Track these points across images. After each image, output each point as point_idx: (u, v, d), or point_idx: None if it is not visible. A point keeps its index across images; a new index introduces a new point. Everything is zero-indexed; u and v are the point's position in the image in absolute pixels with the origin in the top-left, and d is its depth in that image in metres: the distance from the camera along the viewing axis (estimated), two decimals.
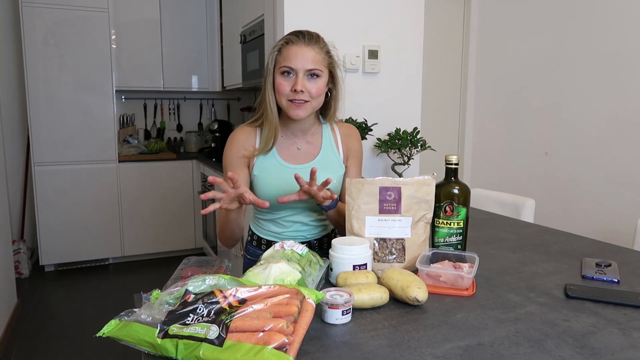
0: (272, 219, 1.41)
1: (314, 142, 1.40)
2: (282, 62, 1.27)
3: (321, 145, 1.40)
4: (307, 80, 1.26)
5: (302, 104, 1.27)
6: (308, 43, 1.27)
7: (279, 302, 0.82)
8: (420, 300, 0.98)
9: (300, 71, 1.25)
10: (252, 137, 1.37)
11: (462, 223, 1.25)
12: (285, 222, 1.40)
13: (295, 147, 1.38)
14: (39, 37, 3.51)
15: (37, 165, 3.61)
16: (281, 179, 1.33)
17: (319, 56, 1.28)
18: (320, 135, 1.42)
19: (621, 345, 0.85)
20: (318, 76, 1.28)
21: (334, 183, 1.36)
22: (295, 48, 1.26)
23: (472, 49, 3.83)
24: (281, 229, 1.42)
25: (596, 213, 2.93)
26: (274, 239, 1.42)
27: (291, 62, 1.25)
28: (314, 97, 1.28)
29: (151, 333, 0.79)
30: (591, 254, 1.38)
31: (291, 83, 1.26)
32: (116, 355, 2.54)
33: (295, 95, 1.26)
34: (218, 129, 3.98)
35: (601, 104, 2.89)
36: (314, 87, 1.27)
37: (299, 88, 1.24)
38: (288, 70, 1.26)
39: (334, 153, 1.41)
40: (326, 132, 1.43)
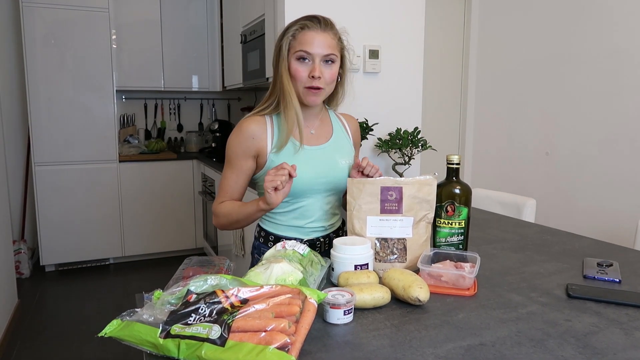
0: (290, 210, 1.36)
1: (325, 126, 1.41)
2: (298, 47, 1.25)
3: (332, 129, 1.41)
4: (323, 65, 1.26)
5: (318, 91, 1.27)
6: (324, 28, 1.25)
7: (280, 302, 0.81)
8: (422, 300, 0.98)
9: (317, 57, 1.24)
10: (263, 127, 1.32)
11: (463, 223, 1.25)
12: (305, 213, 1.35)
13: (308, 131, 1.37)
14: (39, 37, 3.51)
15: (37, 165, 3.61)
16: (301, 161, 1.30)
17: (334, 41, 1.27)
18: (329, 120, 1.43)
19: (623, 345, 0.85)
20: (333, 61, 1.27)
21: (349, 164, 1.37)
22: (312, 33, 1.24)
23: (472, 49, 3.83)
24: (301, 221, 1.36)
25: (597, 213, 2.93)
26: (294, 235, 1.37)
27: (308, 47, 1.23)
28: (328, 83, 1.28)
29: (153, 333, 0.79)
30: (592, 254, 1.38)
31: (308, 69, 1.25)
32: (117, 355, 2.54)
33: (312, 82, 1.25)
34: (218, 129, 3.98)
35: (602, 103, 2.89)
36: (329, 73, 1.27)
37: (317, 74, 1.23)
38: (304, 55, 1.24)
39: (345, 136, 1.42)
40: (333, 117, 1.44)
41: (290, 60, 1.27)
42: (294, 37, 1.26)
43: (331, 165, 1.34)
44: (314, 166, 1.32)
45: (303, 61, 1.25)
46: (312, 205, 1.35)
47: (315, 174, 1.32)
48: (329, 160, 1.35)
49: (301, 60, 1.25)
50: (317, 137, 1.37)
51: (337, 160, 1.35)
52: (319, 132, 1.38)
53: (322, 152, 1.35)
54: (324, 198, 1.36)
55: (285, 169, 1.16)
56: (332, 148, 1.37)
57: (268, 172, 1.19)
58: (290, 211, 1.36)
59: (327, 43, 1.25)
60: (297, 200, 1.34)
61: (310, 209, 1.35)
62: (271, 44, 2.73)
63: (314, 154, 1.34)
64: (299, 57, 1.25)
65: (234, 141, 1.35)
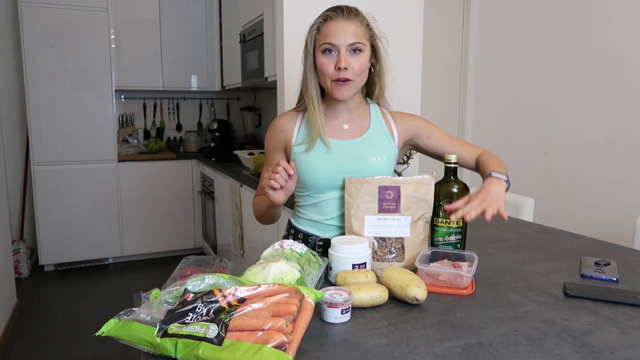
0: (312, 204, 1.34)
1: (361, 122, 1.35)
2: (322, 40, 1.22)
3: (369, 124, 1.35)
4: (349, 56, 1.21)
5: (346, 84, 1.23)
6: (347, 17, 1.22)
7: (278, 301, 0.81)
8: (420, 299, 0.98)
9: (343, 47, 1.20)
10: (293, 121, 1.34)
11: (461, 222, 1.25)
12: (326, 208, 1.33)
13: (341, 126, 1.34)
14: (38, 37, 3.51)
15: (36, 165, 3.61)
16: (327, 155, 1.29)
17: (360, 30, 1.22)
18: (369, 116, 1.36)
19: (620, 343, 0.85)
20: (361, 50, 1.22)
21: (384, 161, 1.32)
22: (335, 24, 1.21)
23: (471, 48, 3.83)
24: (321, 217, 1.34)
25: (595, 212, 2.93)
26: (312, 231, 1.36)
27: (332, 38, 1.20)
28: (357, 74, 1.23)
29: (150, 332, 0.79)
30: (590, 253, 1.38)
31: (333, 61, 1.21)
32: (115, 354, 2.54)
33: (339, 74, 1.21)
34: (217, 129, 3.98)
35: (601, 102, 2.89)
36: (357, 63, 1.22)
37: (342, 65, 1.19)
38: (329, 47, 1.21)
39: (384, 133, 1.35)
40: (375, 113, 1.37)
41: (316, 54, 1.24)
42: (318, 31, 1.24)
43: (358, 161, 1.29)
44: (336, 161, 1.29)
45: (329, 53, 1.22)
46: (334, 202, 1.32)
47: (338, 169, 1.28)
48: (357, 156, 1.30)
49: (326, 52, 1.22)
50: (350, 132, 1.34)
51: (367, 157, 1.30)
52: (352, 127, 1.34)
53: (350, 147, 1.31)
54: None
55: (280, 167, 1.15)
56: (364, 144, 1.32)
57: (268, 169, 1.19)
58: (312, 205, 1.35)
59: (352, 31, 1.21)
60: (319, 195, 1.32)
61: (331, 205, 1.32)
62: (270, 43, 2.73)
63: (340, 148, 1.31)
64: (324, 49, 1.22)
65: (267, 136, 1.38)
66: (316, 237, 1.35)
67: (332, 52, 1.22)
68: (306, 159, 1.29)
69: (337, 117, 1.34)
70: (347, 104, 1.33)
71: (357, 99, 1.34)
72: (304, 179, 1.30)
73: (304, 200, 1.37)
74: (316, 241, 1.35)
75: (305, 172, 1.30)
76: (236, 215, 3.03)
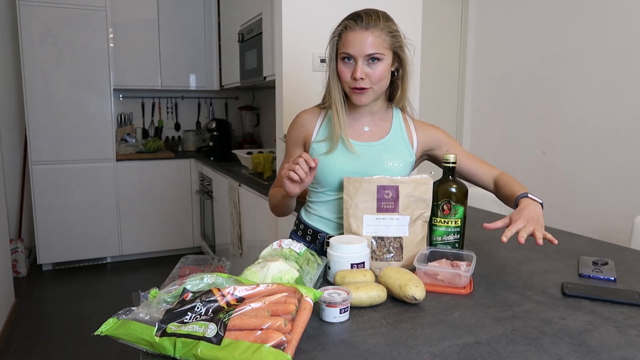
0: (325, 201, 1.36)
1: (383, 125, 1.37)
2: (342, 48, 1.25)
3: (390, 129, 1.37)
4: (366, 65, 1.23)
5: (364, 91, 1.25)
6: (367, 26, 1.22)
7: (276, 300, 0.82)
8: (418, 298, 0.99)
9: (359, 57, 1.22)
10: (315, 118, 1.37)
11: (459, 221, 1.25)
12: (338, 207, 1.34)
13: (361, 128, 1.36)
14: (36, 36, 3.50)
15: (34, 164, 3.60)
16: (344, 155, 1.31)
17: (379, 39, 1.23)
18: (390, 120, 1.38)
19: (617, 343, 0.85)
20: (379, 59, 1.23)
21: (400, 167, 1.33)
22: (352, 34, 1.22)
23: (469, 48, 3.84)
24: (332, 215, 1.36)
25: (593, 212, 2.94)
26: (321, 228, 1.38)
27: (349, 48, 1.22)
28: (375, 83, 1.25)
29: (149, 331, 0.79)
30: (588, 253, 1.38)
31: (351, 70, 1.24)
32: (114, 354, 2.54)
33: (355, 83, 1.24)
34: (216, 128, 3.98)
35: (598, 102, 2.89)
36: (375, 72, 1.23)
37: (358, 75, 1.22)
38: (347, 57, 1.24)
39: (403, 139, 1.36)
40: (397, 118, 1.39)
41: (337, 61, 1.27)
42: (339, 38, 1.26)
43: (375, 164, 1.31)
44: (354, 162, 1.31)
45: (347, 62, 1.25)
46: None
47: (354, 169, 1.30)
48: (374, 159, 1.32)
49: (345, 60, 1.25)
50: (370, 134, 1.35)
51: (384, 161, 1.32)
52: (373, 130, 1.36)
53: (368, 149, 1.33)
54: None
55: (302, 159, 1.17)
56: (382, 148, 1.34)
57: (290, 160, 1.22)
58: (325, 202, 1.37)
59: (370, 42, 1.21)
60: (333, 193, 1.34)
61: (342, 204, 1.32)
62: (269, 42, 2.73)
63: (358, 149, 1.32)
64: (342, 58, 1.25)
65: (289, 130, 1.41)
66: (325, 234, 1.37)
67: (350, 60, 1.25)
68: (325, 157, 1.31)
69: (359, 119, 1.36)
70: (369, 107, 1.35)
71: (379, 103, 1.36)
72: (321, 176, 1.32)
73: (317, 197, 1.39)
74: (325, 238, 1.36)
75: (322, 169, 1.31)
76: (235, 215, 3.03)
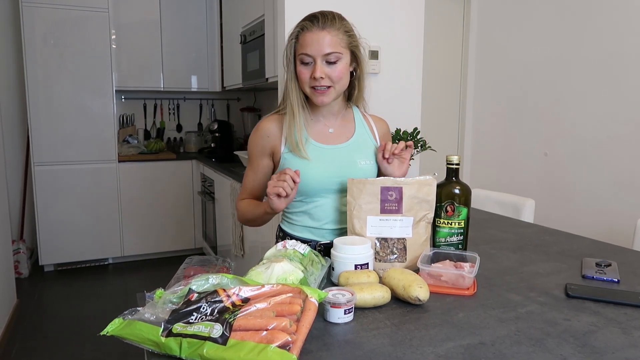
0: (305, 210, 1.35)
1: (347, 125, 1.38)
2: (300, 49, 1.25)
3: (354, 128, 1.38)
4: (325, 65, 1.24)
5: (324, 91, 1.26)
6: (323, 27, 1.23)
7: (281, 301, 0.82)
8: (422, 299, 0.99)
9: (318, 57, 1.23)
10: (279, 127, 1.34)
11: (463, 223, 1.26)
12: (320, 213, 1.34)
13: (327, 130, 1.35)
14: (39, 37, 3.51)
15: (36, 165, 3.61)
16: (317, 160, 1.30)
17: (336, 38, 1.24)
18: (352, 119, 1.40)
19: (622, 344, 0.86)
20: (338, 59, 1.24)
21: (371, 165, 1.35)
22: (310, 34, 1.23)
23: (471, 50, 3.84)
24: (316, 222, 1.34)
25: (596, 213, 2.94)
26: (309, 237, 1.36)
27: (307, 49, 1.23)
28: (335, 82, 1.26)
29: (155, 332, 0.79)
30: (591, 254, 1.38)
31: (310, 70, 1.24)
32: (115, 355, 2.54)
33: (315, 83, 1.24)
34: (218, 129, 3.98)
35: (601, 104, 2.90)
36: (335, 71, 1.24)
37: (317, 75, 1.22)
38: (305, 59, 1.24)
39: (369, 137, 1.39)
40: (358, 116, 1.40)
41: (296, 62, 1.27)
42: (297, 40, 1.26)
43: (348, 165, 1.32)
44: (328, 165, 1.30)
45: (306, 63, 1.25)
46: (326, 206, 1.33)
47: (329, 173, 1.30)
48: (346, 160, 1.32)
49: (304, 62, 1.25)
50: (336, 136, 1.35)
51: (356, 161, 1.32)
52: (338, 131, 1.36)
53: (339, 152, 1.33)
54: (340, 199, 1.33)
55: (287, 175, 1.16)
56: (351, 148, 1.34)
57: (272, 177, 1.20)
58: (305, 211, 1.35)
59: (327, 42, 1.22)
60: (311, 200, 1.33)
61: (325, 210, 1.33)
62: (271, 44, 2.73)
63: (329, 152, 1.32)
64: (301, 59, 1.25)
65: (251, 140, 1.38)
66: (315, 242, 1.35)
67: (309, 61, 1.25)
68: (297, 164, 1.29)
69: (322, 121, 1.36)
70: (330, 108, 1.35)
71: (340, 102, 1.36)
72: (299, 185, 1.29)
73: (294, 206, 1.36)
74: (316, 246, 1.35)
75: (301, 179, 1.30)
76: (236, 216, 3.03)
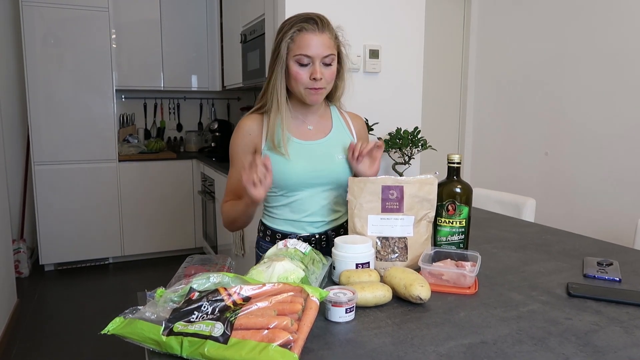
0: (286, 204, 1.37)
1: (324, 122, 1.41)
2: (297, 50, 1.25)
3: (332, 125, 1.42)
4: (322, 66, 1.27)
5: (319, 90, 1.28)
6: (322, 29, 1.26)
7: (283, 299, 0.82)
8: (423, 298, 0.99)
9: (317, 59, 1.25)
10: (259, 125, 1.36)
11: (464, 222, 1.25)
12: (300, 207, 1.36)
13: (305, 127, 1.38)
14: (39, 37, 3.51)
15: (37, 165, 3.61)
16: (297, 156, 1.33)
17: (331, 41, 1.28)
18: (330, 116, 1.43)
19: (623, 343, 0.85)
20: (332, 61, 1.28)
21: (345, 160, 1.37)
22: (310, 36, 1.24)
23: (472, 49, 3.84)
24: (297, 215, 1.37)
25: (597, 212, 2.94)
26: (289, 230, 1.38)
27: (307, 50, 1.24)
28: (329, 82, 1.30)
29: (156, 330, 0.79)
30: (592, 253, 1.38)
31: (308, 72, 1.26)
32: (116, 354, 2.54)
33: (314, 84, 1.26)
34: (218, 129, 3.98)
35: (601, 103, 2.89)
36: (329, 73, 1.28)
37: (318, 76, 1.25)
38: (304, 60, 1.25)
39: (345, 133, 1.42)
40: (335, 113, 1.44)
41: (289, 62, 1.27)
42: (292, 40, 1.27)
43: (327, 160, 1.35)
44: (307, 160, 1.33)
45: (303, 64, 1.26)
46: (307, 199, 1.36)
47: (309, 168, 1.33)
48: (324, 155, 1.35)
49: (301, 63, 1.26)
50: (315, 132, 1.39)
51: (334, 155, 1.36)
52: (317, 128, 1.39)
53: (317, 147, 1.36)
54: (321, 192, 1.36)
55: (257, 163, 1.17)
56: (329, 143, 1.38)
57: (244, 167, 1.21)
58: (286, 204, 1.38)
59: (326, 44, 1.25)
60: (292, 194, 1.35)
61: (305, 203, 1.36)
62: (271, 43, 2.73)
63: (308, 148, 1.35)
64: (299, 60, 1.26)
65: (233, 140, 1.40)
66: (295, 234, 1.37)
67: (307, 62, 1.26)
68: (278, 160, 1.32)
69: (301, 118, 1.38)
70: (312, 107, 1.37)
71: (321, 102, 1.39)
72: (277, 179, 1.32)
73: (276, 200, 1.39)
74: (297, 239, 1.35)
75: (278, 172, 1.32)
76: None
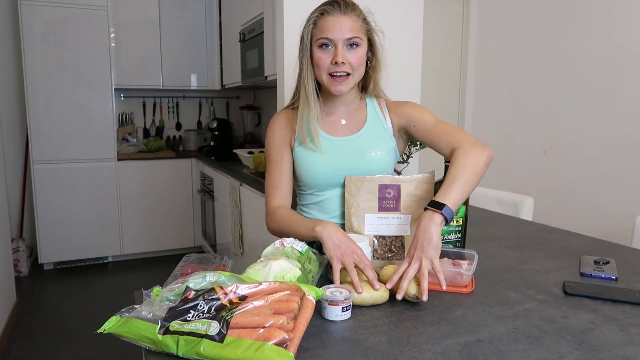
0: (316, 202, 1.34)
1: (358, 116, 1.35)
2: (319, 34, 1.21)
3: (366, 118, 1.34)
4: (346, 50, 1.21)
5: (343, 79, 1.22)
6: (344, 11, 1.21)
7: (279, 298, 0.82)
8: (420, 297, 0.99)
9: (339, 41, 1.20)
10: (291, 120, 1.33)
11: (461, 221, 1.26)
12: (329, 206, 1.33)
13: (337, 122, 1.34)
14: (37, 35, 3.51)
15: (36, 164, 3.61)
16: (325, 152, 1.29)
17: (357, 24, 1.22)
18: (365, 109, 1.35)
19: (619, 341, 0.86)
20: (358, 45, 1.22)
21: (383, 155, 1.31)
22: (332, 18, 1.20)
23: (471, 48, 3.84)
24: (326, 215, 1.33)
25: (594, 211, 2.94)
26: None
27: (329, 33, 1.20)
28: (355, 69, 1.23)
29: (152, 329, 0.79)
30: (589, 252, 1.38)
31: (330, 56, 1.21)
32: (115, 353, 2.54)
33: (336, 68, 1.21)
34: (217, 128, 3.98)
35: (600, 102, 2.89)
36: (355, 57, 1.22)
37: (339, 59, 1.19)
38: (326, 42, 1.21)
39: (381, 124, 1.34)
40: (371, 105, 1.36)
41: (313, 49, 1.23)
42: (315, 25, 1.23)
43: (357, 158, 1.29)
44: (336, 157, 1.29)
45: (325, 48, 1.22)
46: (335, 199, 1.31)
47: (338, 166, 1.28)
48: (355, 152, 1.30)
49: (323, 47, 1.22)
50: (347, 127, 1.33)
51: (366, 152, 1.29)
52: (350, 123, 1.34)
53: (347, 144, 1.31)
54: None
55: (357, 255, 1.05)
56: (362, 139, 1.31)
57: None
58: (316, 203, 1.35)
59: (349, 26, 1.20)
60: (321, 193, 1.33)
61: (333, 203, 1.32)
62: (270, 42, 2.73)
63: (338, 144, 1.30)
64: (321, 44, 1.21)
65: (269, 136, 1.35)
66: None
67: (329, 46, 1.22)
68: (306, 157, 1.29)
69: (335, 113, 1.34)
70: (343, 99, 1.32)
71: (354, 93, 1.34)
72: (305, 177, 1.31)
73: (306, 199, 1.37)
74: None
75: (306, 170, 1.30)
76: (236, 214, 3.03)
